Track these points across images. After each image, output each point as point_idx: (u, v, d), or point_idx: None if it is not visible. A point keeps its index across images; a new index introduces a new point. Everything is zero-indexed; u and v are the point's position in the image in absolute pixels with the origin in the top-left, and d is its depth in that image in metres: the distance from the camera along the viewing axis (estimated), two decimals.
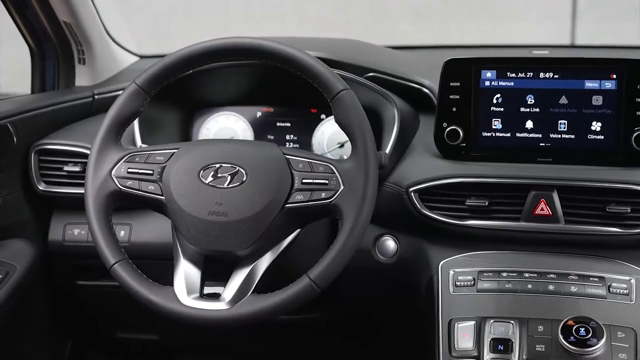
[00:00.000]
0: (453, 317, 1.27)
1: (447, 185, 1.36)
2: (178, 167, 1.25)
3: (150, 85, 1.29)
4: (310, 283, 1.16)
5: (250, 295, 1.20)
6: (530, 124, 1.38)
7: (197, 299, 1.21)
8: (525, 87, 1.38)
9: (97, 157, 1.27)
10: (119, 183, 1.25)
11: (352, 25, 5.07)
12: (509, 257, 1.34)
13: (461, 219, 1.36)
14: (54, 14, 1.62)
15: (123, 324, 1.81)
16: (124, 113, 1.28)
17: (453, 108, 1.41)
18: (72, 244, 1.58)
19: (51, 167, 1.55)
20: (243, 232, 1.20)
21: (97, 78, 1.78)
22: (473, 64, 1.39)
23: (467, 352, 1.21)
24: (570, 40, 4.93)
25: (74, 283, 1.65)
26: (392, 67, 1.61)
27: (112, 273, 1.23)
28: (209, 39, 1.28)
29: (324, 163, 1.22)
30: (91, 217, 1.24)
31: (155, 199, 1.25)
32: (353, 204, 1.17)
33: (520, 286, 1.28)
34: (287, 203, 1.21)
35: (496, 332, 1.22)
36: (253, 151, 1.26)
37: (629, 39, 4.52)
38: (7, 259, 1.46)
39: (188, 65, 1.28)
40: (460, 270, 1.34)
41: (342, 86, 1.22)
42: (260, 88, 1.67)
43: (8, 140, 1.48)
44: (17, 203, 1.54)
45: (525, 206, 1.33)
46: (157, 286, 1.22)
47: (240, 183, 1.22)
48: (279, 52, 1.24)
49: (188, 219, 1.22)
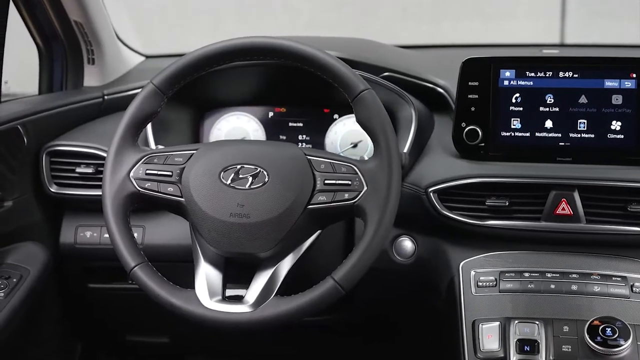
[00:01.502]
0: (477, 318, 1.26)
1: (467, 186, 1.35)
2: (198, 168, 1.23)
3: (167, 86, 1.27)
4: (335, 284, 1.15)
5: (274, 298, 1.19)
6: (550, 124, 1.38)
7: (219, 301, 1.19)
8: (545, 86, 1.37)
9: (114, 159, 1.25)
10: (137, 185, 1.24)
11: (343, 24, 5.06)
12: (530, 257, 1.33)
13: (481, 219, 1.35)
14: (65, 13, 1.60)
15: (133, 327, 1.79)
16: (141, 114, 1.27)
17: (472, 108, 1.40)
18: (84, 247, 1.56)
19: (63, 169, 1.53)
20: (265, 234, 1.19)
21: (106, 78, 1.76)
22: (492, 64, 1.39)
23: (493, 354, 1.20)
24: (560, 39, 4.95)
25: (85, 286, 1.63)
26: (406, 67, 1.60)
27: (131, 276, 1.21)
28: (227, 39, 1.26)
29: (346, 164, 1.21)
30: (110, 220, 1.22)
31: (175, 201, 1.24)
32: (377, 204, 1.17)
33: (543, 286, 1.28)
34: (310, 204, 1.20)
35: (521, 332, 1.21)
36: (274, 152, 1.25)
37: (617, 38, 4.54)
38: (20, 262, 1.44)
39: (206, 65, 1.27)
40: (481, 270, 1.33)
41: (363, 86, 1.21)
42: (272, 88, 1.66)
43: (19, 141, 1.46)
44: (29, 205, 1.51)
45: (546, 206, 1.32)
46: (178, 289, 1.20)
47: (262, 184, 1.20)
48: (300, 52, 1.23)
49: (209, 221, 1.20)
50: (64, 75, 1.70)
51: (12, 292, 1.37)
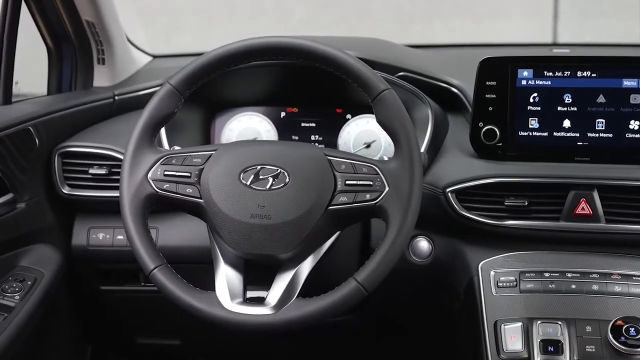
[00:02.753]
0: (498, 318, 1.26)
1: (486, 186, 1.35)
2: (217, 169, 1.22)
3: (184, 86, 1.26)
4: (358, 286, 1.15)
5: (296, 300, 1.18)
6: (568, 123, 1.37)
7: (240, 303, 1.18)
8: (563, 86, 1.37)
9: (132, 160, 1.24)
10: (155, 186, 1.22)
11: (335, 24, 5.05)
12: (549, 257, 1.33)
13: (500, 219, 1.35)
14: (77, 13, 1.58)
15: (145, 330, 1.78)
16: (158, 114, 1.25)
17: (489, 107, 1.39)
18: (97, 249, 1.55)
19: (75, 170, 1.51)
20: (286, 235, 1.18)
21: (115, 78, 1.74)
22: (509, 63, 1.38)
23: (516, 354, 1.20)
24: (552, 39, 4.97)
25: (97, 288, 1.62)
26: (420, 67, 1.60)
27: (151, 278, 1.19)
28: (245, 38, 1.25)
29: (367, 164, 1.20)
30: (128, 222, 1.21)
31: (194, 202, 1.23)
32: (399, 205, 1.16)
33: (564, 286, 1.28)
34: (331, 205, 1.19)
35: (544, 333, 1.21)
36: (294, 152, 1.23)
37: (610, 37, 4.55)
38: (34, 265, 1.43)
39: (224, 65, 1.26)
40: (501, 270, 1.33)
41: (384, 86, 1.20)
42: (284, 88, 1.65)
43: (30, 143, 1.45)
44: (41, 207, 1.50)
45: (565, 206, 1.32)
46: (198, 291, 1.19)
47: (283, 185, 1.19)
48: (320, 52, 1.22)
49: (229, 222, 1.19)
50: (73, 75, 1.69)
51: (27, 295, 1.35)
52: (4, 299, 1.33)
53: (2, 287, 1.36)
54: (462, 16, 4.96)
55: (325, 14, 5.08)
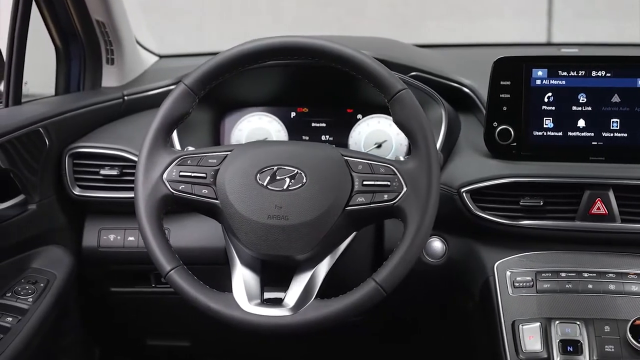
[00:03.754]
0: (516, 318, 1.25)
1: (501, 185, 1.34)
2: (233, 170, 1.21)
3: (199, 86, 1.25)
4: (377, 286, 1.14)
5: (314, 301, 1.17)
6: (582, 123, 1.37)
7: (258, 305, 1.17)
8: (577, 85, 1.37)
9: (147, 161, 1.23)
10: (170, 187, 1.21)
11: (328, 23, 5.04)
12: (565, 257, 1.33)
13: (515, 219, 1.35)
14: (87, 12, 1.57)
15: (154, 331, 1.77)
16: (173, 115, 1.24)
17: (504, 107, 1.39)
18: (108, 250, 1.54)
19: (86, 171, 1.50)
20: (304, 235, 1.17)
21: (124, 79, 1.73)
22: (524, 63, 1.38)
23: (536, 354, 1.20)
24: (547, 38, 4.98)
25: (107, 290, 1.61)
26: (431, 66, 1.59)
27: (167, 280, 1.18)
28: (260, 38, 1.25)
29: (385, 164, 1.20)
30: (143, 223, 1.20)
31: (209, 203, 1.22)
32: (417, 205, 1.15)
33: (581, 286, 1.27)
34: (348, 205, 1.18)
35: (563, 333, 1.21)
36: (310, 153, 1.23)
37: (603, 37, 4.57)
38: (45, 266, 1.41)
39: (239, 65, 1.25)
40: (517, 270, 1.32)
41: (400, 86, 1.20)
42: (294, 88, 1.64)
43: (41, 144, 1.43)
44: (52, 209, 1.48)
45: (580, 205, 1.32)
46: (215, 293, 1.18)
47: (300, 185, 1.18)
48: (336, 51, 1.21)
49: (246, 223, 1.18)
50: (81, 75, 1.67)
51: (40, 297, 1.34)
52: (17, 301, 1.32)
53: (15, 289, 1.34)
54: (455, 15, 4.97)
55: (318, 14, 5.07)
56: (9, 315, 1.28)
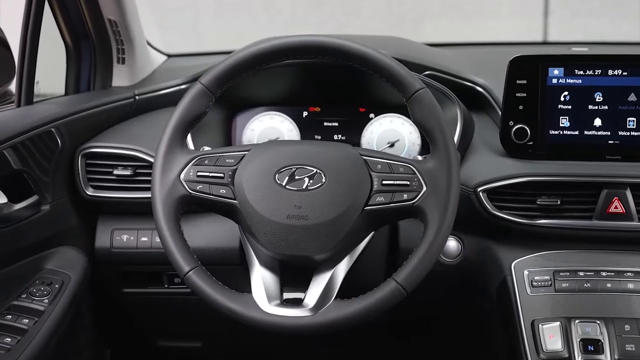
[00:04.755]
0: (535, 318, 1.25)
1: (518, 185, 1.34)
2: (252, 169, 1.20)
3: (216, 85, 1.24)
4: (398, 286, 1.14)
5: (335, 301, 1.16)
6: (599, 122, 1.37)
7: (278, 305, 1.17)
8: (594, 84, 1.37)
9: (164, 161, 1.22)
10: (188, 187, 1.20)
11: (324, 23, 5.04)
12: (582, 256, 1.33)
13: (532, 219, 1.35)
14: (100, 11, 1.56)
15: (165, 332, 1.76)
16: (189, 114, 1.23)
17: (520, 106, 1.39)
18: (121, 251, 1.53)
19: (99, 171, 1.49)
20: (323, 235, 1.16)
21: (135, 78, 1.72)
22: (540, 62, 1.38)
23: (557, 354, 1.20)
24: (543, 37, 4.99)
25: (119, 290, 1.59)
26: (445, 65, 1.59)
27: (186, 281, 1.18)
28: (277, 37, 1.24)
29: (404, 164, 1.19)
30: (161, 224, 1.19)
31: (227, 203, 1.21)
32: (437, 205, 1.15)
33: (600, 285, 1.28)
34: (367, 205, 1.17)
35: (584, 332, 1.21)
36: (329, 152, 1.22)
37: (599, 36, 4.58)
38: (60, 268, 1.40)
39: (256, 64, 1.24)
40: (535, 270, 1.32)
41: (419, 85, 1.19)
42: (306, 87, 1.64)
43: (53, 144, 1.42)
44: (65, 209, 1.47)
45: (598, 204, 1.32)
46: (235, 294, 1.17)
47: (319, 185, 1.18)
48: (354, 51, 1.21)
49: (265, 224, 1.18)
50: (91, 75, 1.66)
51: (55, 299, 1.33)
52: (32, 303, 1.31)
53: (30, 290, 1.33)
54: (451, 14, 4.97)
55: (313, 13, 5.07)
56: (25, 316, 1.27)
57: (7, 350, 1.19)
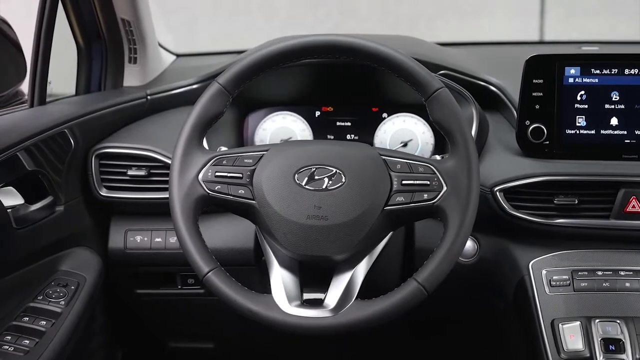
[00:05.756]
0: (555, 317, 1.25)
1: (535, 184, 1.34)
2: (270, 170, 1.20)
3: (233, 85, 1.23)
4: (419, 286, 1.13)
5: (356, 301, 1.16)
6: (615, 121, 1.37)
7: (298, 306, 1.16)
8: (610, 83, 1.37)
9: (181, 161, 1.21)
10: (206, 187, 1.20)
11: (320, 22, 5.03)
12: (600, 256, 1.33)
13: (549, 218, 1.34)
14: (113, 11, 1.55)
15: (177, 333, 1.75)
16: (207, 114, 1.23)
17: (536, 105, 1.39)
18: (134, 252, 1.52)
19: (112, 172, 1.48)
20: (344, 236, 1.16)
21: (146, 78, 1.71)
22: (557, 61, 1.38)
23: (578, 353, 1.19)
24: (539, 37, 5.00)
25: (132, 292, 1.59)
26: (459, 65, 1.59)
27: (205, 282, 1.17)
28: (294, 36, 1.23)
29: (424, 163, 1.19)
30: (180, 225, 1.18)
31: (246, 204, 1.20)
32: (458, 205, 1.15)
33: (618, 284, 1.28)
34: (387, 205, 1.17)
35: (604, 332, 1.21)
36: (348, 152, 1.22)
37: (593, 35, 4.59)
38: (75, 269, 1.39)
39: (274, 64, 1.23)
40: (553, 269, 1.32)
41: (438, 84, 1.19)
42: (319, 87, 1.63)
43: (67, 145, 1.41)
44: (78, 210, 1.46)
45: (615, 204, 1.32)
46: (255, 294, 1.17)
47: (339, 185, 1.17)
48: (373, 50, 1.20)
49: (284, 224, 1.17)
50: (102, 74, 1.65)
51: (71, 300, 1.32)
52: (49, 304, 1.30)
53: (46, 292, 1.32)
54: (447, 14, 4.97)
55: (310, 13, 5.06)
56: (42, 318, 1.26)
57: (25, 353, 1.19)
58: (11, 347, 1.19)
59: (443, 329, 1.76)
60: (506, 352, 1.52)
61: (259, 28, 4.93)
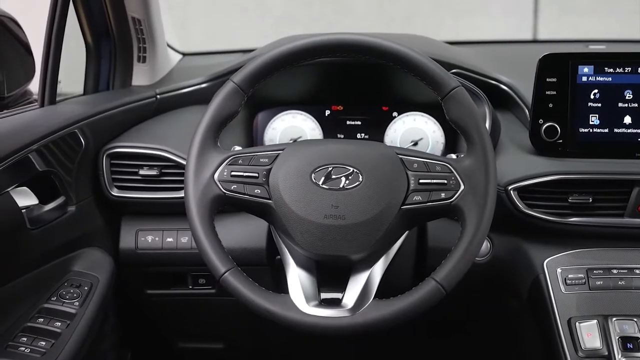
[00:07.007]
0: (572, 316, 1.25)
1: (549, 183, 1.34)
2: (287, 169, 1.19)
3: (248, 84, 1.23)
4: (437, 285, 1.13)
5: (374, 301, 1.15)
6: (629, 119, 1.37)
7: (316, 306, 1.16)
8: (624, 82, 1.37)
9: (197, 161, 1.20)
10: (222, 187, 1.19)
11: (315, 20, 5.02)
12: (615, 254, 1.33)
13: (563, 217, 1.35)
14: (124, 9, 1.53)
15: (187, 333, 1.74)
16: (222, 114, 1.22)
17: (549, 104, 1.39)
18: (146, 252, 1.51)
19: (124, 172, 1.47)
20: (361, 235, 1.15)
21: (154, 77, 1.70)
22: (570, 60, 1.38)
23: (596, 352, 1.19)
24: (533, 35, 5.01)
25: (143, 292, 1.58)
26: (471, 64, 1.58)
27: (222, 282, 1.16)
28: (308, 35, 1.23)
29: (441, 162, 1.18)
30: (196, 224, 1.17)
31: (262, 203, 1.19)
32: (475, 203, 1.14)
33: (634, 283, 1.28)
34: (404, 204, 1.17)
35: (621, 330, 1.21)
36: (365, 151, 1.21)
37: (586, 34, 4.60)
38: (88, 269, 1.38)
39: (288, 63, 1.22)
40: (568, 268, 1.32)
41: (454, 83, 1.18)
42: (329, 86, 1.63)
43: (77, 145, 1.40)
44: (90, 210, 1.45)
45: (629, 202, 1.32)
46: (272, 294, 1.16)
47: (357, 184, 1.17)
48: (388, 49, 1.20)
49: (301, 223, 1.16)
50: (111, 73, 1.64)
51: (85, 301, 1.31)
52: (63, 305, 1.29)
53: (60, 292, 1.31)
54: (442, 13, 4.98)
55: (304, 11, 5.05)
56: (57, 319, 1.25)
57: (42, 354, 1.18)
58: (27, 348, 1.18)
59: (456, 328, 1.76)
60: (521, 350, 1.52)
61: (254, 26, 4.92)
